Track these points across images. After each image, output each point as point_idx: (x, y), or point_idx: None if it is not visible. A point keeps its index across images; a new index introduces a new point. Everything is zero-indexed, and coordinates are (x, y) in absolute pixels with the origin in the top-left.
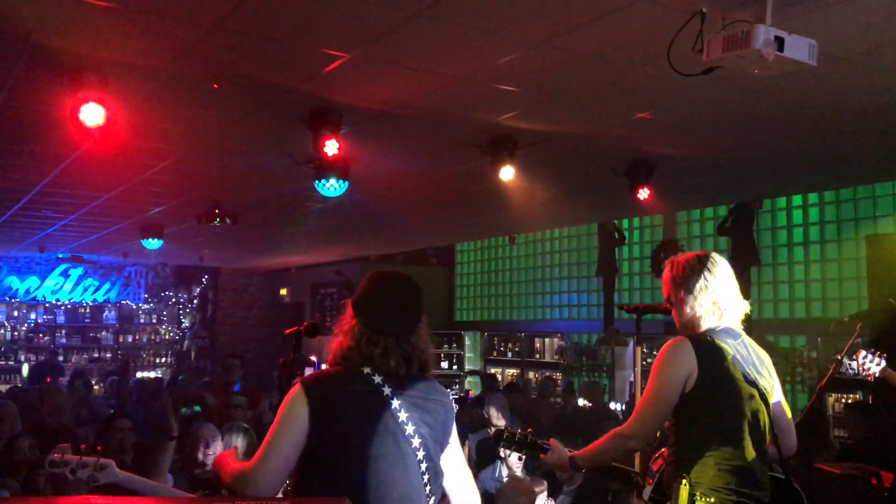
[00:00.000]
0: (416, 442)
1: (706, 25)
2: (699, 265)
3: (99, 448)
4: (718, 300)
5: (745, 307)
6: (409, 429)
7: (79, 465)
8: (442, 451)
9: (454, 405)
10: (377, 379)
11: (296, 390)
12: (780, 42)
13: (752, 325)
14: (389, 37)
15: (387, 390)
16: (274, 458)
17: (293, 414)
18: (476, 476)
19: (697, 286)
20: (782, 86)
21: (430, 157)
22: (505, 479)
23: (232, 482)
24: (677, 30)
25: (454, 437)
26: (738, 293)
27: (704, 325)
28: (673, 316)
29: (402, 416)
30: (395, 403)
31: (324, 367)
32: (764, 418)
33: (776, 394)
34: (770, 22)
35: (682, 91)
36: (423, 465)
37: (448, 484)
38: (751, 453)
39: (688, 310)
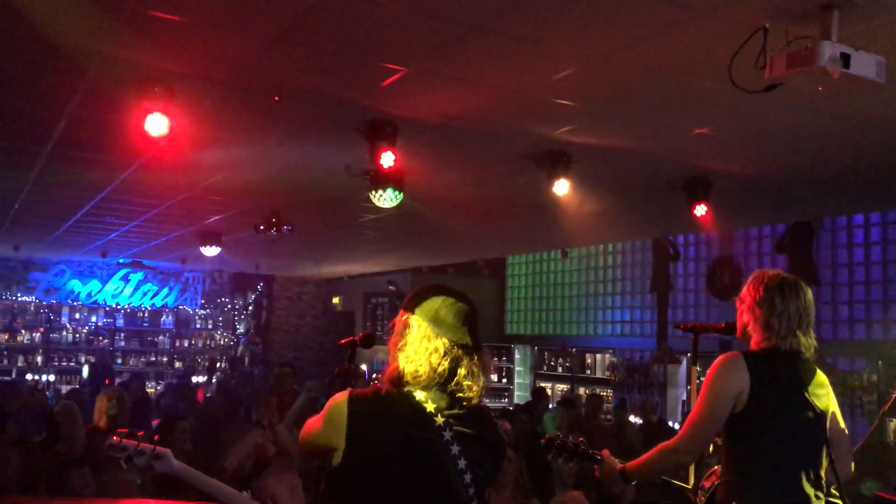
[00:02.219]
0: (468, 477)
1: (769, 41)
2: (784, 285)
3: (157, 437)
4: (788, 324)
5: (813, 341)
6: (462, 463)
7: (136, 451)
8: (489, 487)
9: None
10: (430, 408)
11: (340, 399)
12: (846, 59)
13: None
14: (447, 51)
15: (439, 420)
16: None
17: (332, 415)
18: None
19: (775, 304)
20: (846, 103)
21: (485, 169)
22: None
23: None
24: (739, 46)
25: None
26: (811, 322)
27: (767, 343)
28: (738, 323)
29: (455, 448)
30: (448, 435)
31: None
32: (819, 442)
33: (834, 418)
34: (836, 38)
35: (743, 107)
36: (472, 499)
37: None
38: (806, 478)
39: (756, 322)
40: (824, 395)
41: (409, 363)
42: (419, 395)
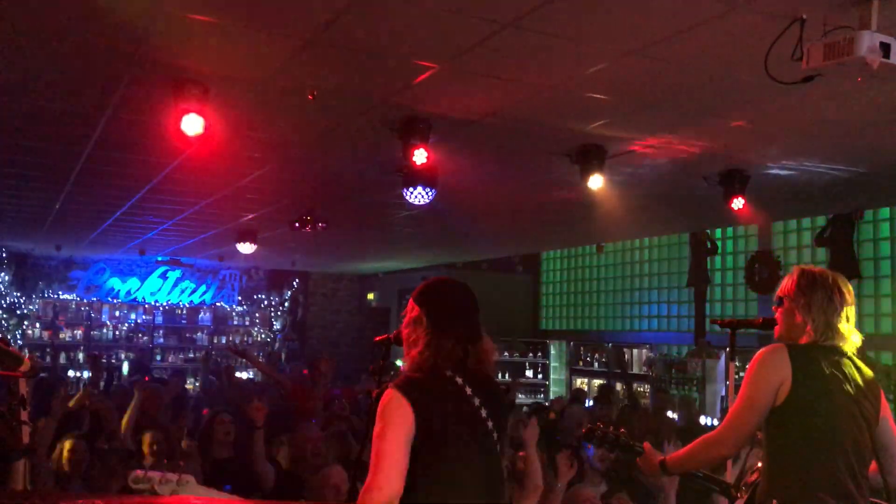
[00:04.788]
0: (495, 435)
1: (806, 32)
2: (829, 283)
3: (169, 464)
4: (833, 323)
5: (857, 339)
6: (490, 423)
7: (162, 480)
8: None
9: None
10: (459, 380)
11: (393, 395)
12: (886, 48)
13: None
14: (479, 48)
15: (469, 389)
16: (394, 465)
17: (399, 417)
18: None
19: (819, 301)
20: (887, 92)
21: (519, 165)
22: None
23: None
24: (776, 37)
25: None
26: (853, 322)
27: (815, 338)
28: (777, 319)
29: (484, 412)
30: (477, 401)
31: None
32: (865, 442)
33: (883, 418)
34: (875, 27)
35: (781, 99)
36: (500, 454)
37: None
38: (849, 475)
39: (799, 320)
40: (871, 394)
41: (428, 351)
42: (448, 372)
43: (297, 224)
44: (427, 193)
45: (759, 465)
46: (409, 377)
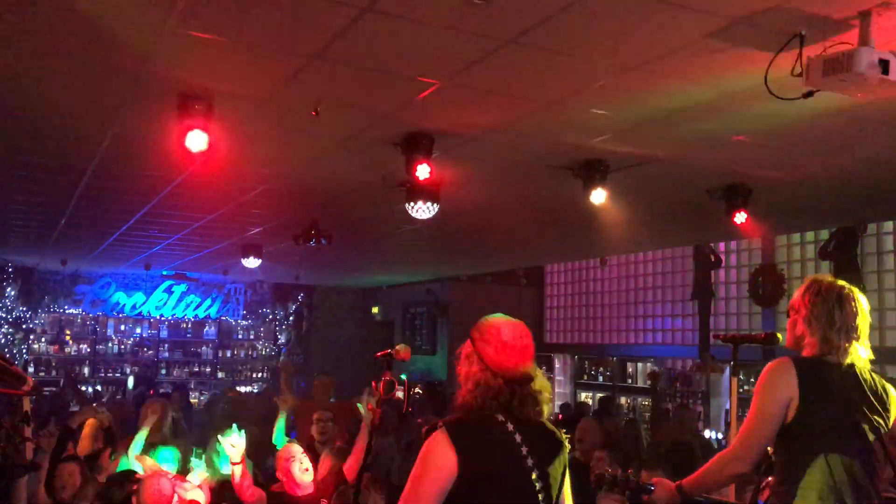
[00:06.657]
0: (539, 486)
1: (806, 48)
2: (832, 296)
3: None
4: (830, 338)
5: (865, 353)
6: (535, 474)
7: None
8: (560, 494)
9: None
10: (510, 426)
11: (440, 439)
12: (884, 65)
13: None
14: (481, 64)
15: (518, 437)
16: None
17: (439, 465)
18: None
19: (818, 315)
20: (889, 107)
21: (521, 180)
22: None
23: None
24: (775, 53)
25: (567, 480)
26: (864, 334)
27: (819, 353)
28: (789, 333)
29: (530, 461)
30: (524, 450)
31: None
32: (876, 451)
33: (894, 430)
34: (874, 44)
35: (782, 113)
36: None
37: None
38: (857, 488)
39: (800, 332)
40: (880, 405)
41: (477, 391)
42: (500, 416)
43: (300, 238)
44: (430, 208)
45: (769, 479)
46: (460, 419)
